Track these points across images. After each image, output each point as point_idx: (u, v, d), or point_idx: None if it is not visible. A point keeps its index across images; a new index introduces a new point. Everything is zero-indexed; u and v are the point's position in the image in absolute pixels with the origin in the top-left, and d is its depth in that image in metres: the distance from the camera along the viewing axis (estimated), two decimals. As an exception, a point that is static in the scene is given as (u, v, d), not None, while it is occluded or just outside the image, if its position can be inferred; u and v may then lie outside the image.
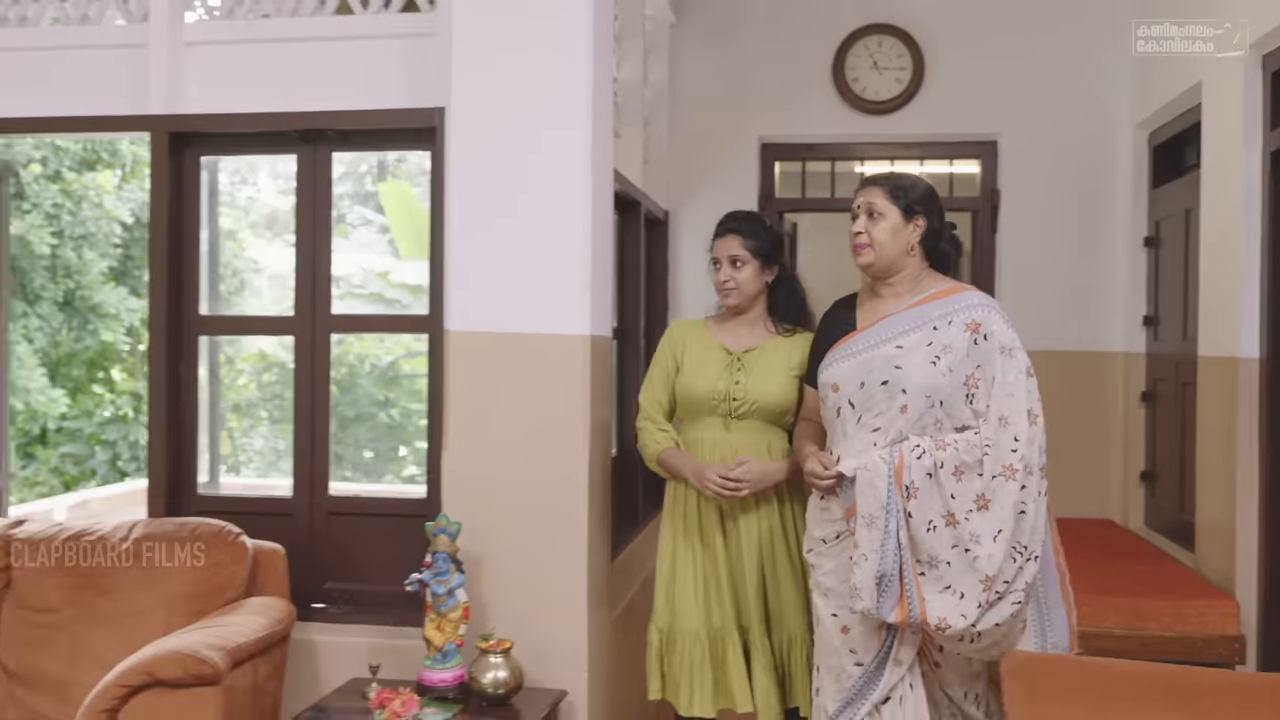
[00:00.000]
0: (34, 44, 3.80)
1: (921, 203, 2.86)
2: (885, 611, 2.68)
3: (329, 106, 3.63)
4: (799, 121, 5.76)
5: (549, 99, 3.31)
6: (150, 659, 2.86)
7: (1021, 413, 2.66)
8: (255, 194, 13.46)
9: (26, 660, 3.33)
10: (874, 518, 2.70)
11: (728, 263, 3.24)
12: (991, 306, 2.78)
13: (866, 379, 2.78)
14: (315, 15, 3.69)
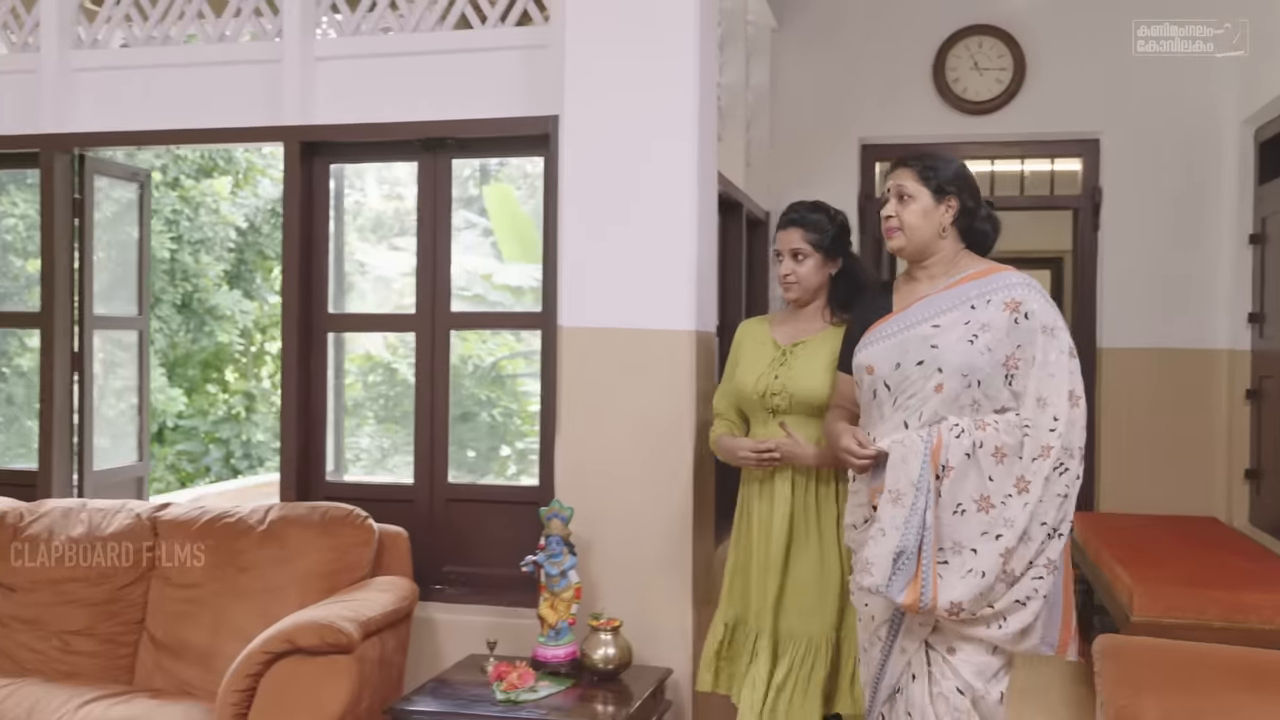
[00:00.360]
0: (177, 61, 4.08)
1: (953, 182, 2.74)
2: (895, 590, 2.58)
3: (448, 116, 3.84)
4: (899, 122, 5.86)
5: (657, 107, 3.48)
6: (291, 628, 3.11)
7: (1062, 393, 2.58)
8: (362, 199, 13.89)
9: (172, 632, 3.60)
10: (901, 494, 2.60)
11: (789, 256, 3.16)
12: (1031, 285, 2.68)
13: (902, 359, 2.68)
14: (436, 30, 3.91)
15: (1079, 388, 2.61)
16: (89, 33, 4.18)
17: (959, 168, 2.77)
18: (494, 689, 3.18)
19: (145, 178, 4.63)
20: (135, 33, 4.15)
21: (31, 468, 4.33)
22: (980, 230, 2.79)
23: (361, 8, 3.96)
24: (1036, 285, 2.69)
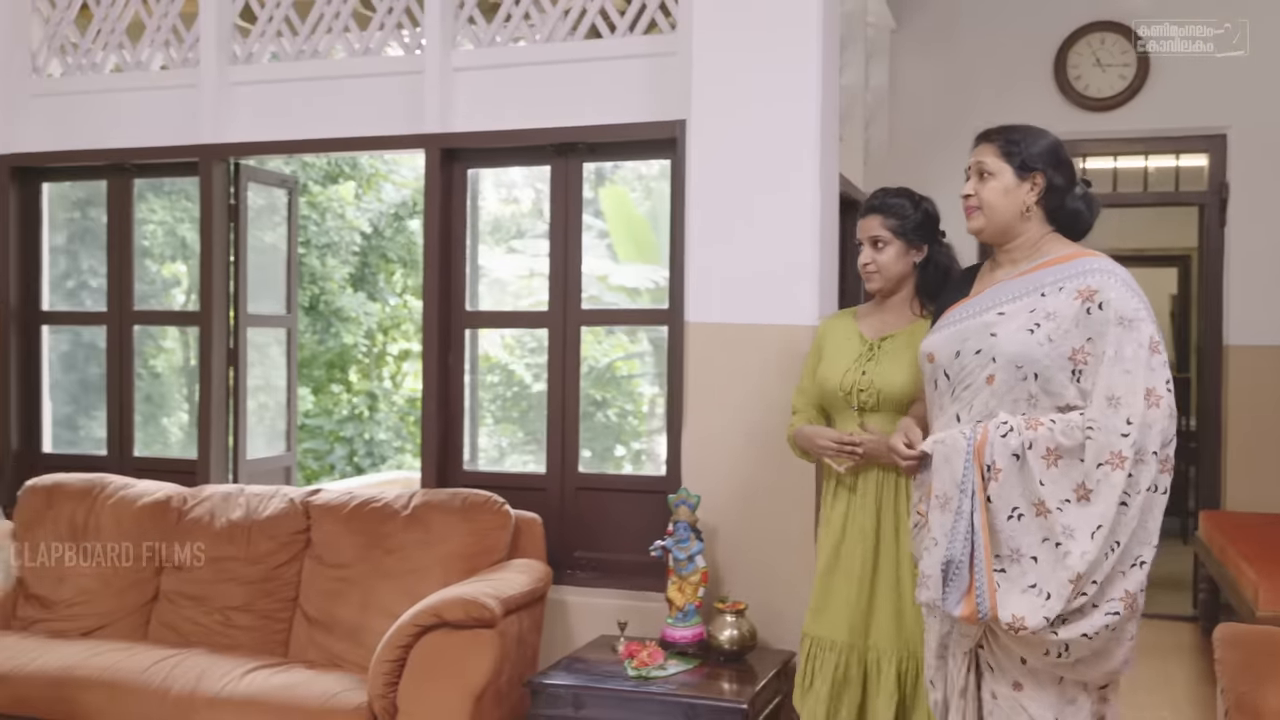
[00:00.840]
0: (325, 74, 4.34)
1: (1040, 158, 2.50)
2: (951, 604, 2.38)
3: (579, 121, 4.02)
4: (1018, 119, 5.75)
5: (781, 111, 3.61)
6: (438, 603, 3.32)
7: (1138, 391, 2.27)
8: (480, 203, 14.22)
9: (324, 608, 3.85)
10: (948, 498, 2.40)
11: (869, 244, 3.02)
12: (1112, 272, 2.40)
13: (962, 348, 2.48)
14: (567, 40, 4.09)
15: (1161, 386, 2.30)
16: (243, 48, 4.46)
17: (1049, 143, 2.54)
18: (625, 666, 3.34)
19: (294, 184, 4.92)
20: (285, 47, 4.42)
21: (191, 457, 4.64)
22: (1072, 210, 2.53)
23: (497, 20, 4.16)
24: (1120, 273, 2.41)
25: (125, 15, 4.59)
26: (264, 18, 4.41)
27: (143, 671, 3.58)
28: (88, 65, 4.66)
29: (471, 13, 4.19)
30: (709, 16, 3.67)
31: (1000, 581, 2.33)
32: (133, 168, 4.64)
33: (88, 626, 4.02)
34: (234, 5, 4.45)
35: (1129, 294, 2.36)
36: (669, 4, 3.98)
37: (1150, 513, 2.29)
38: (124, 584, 4.07)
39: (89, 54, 4.65)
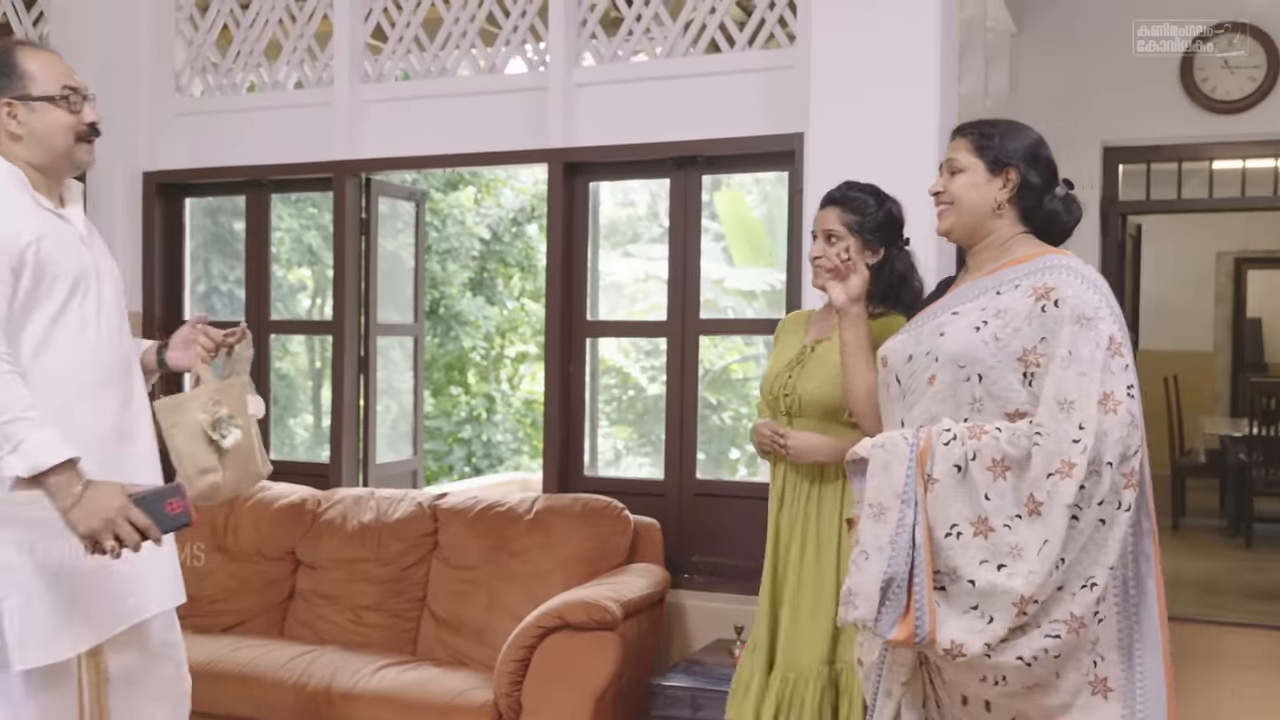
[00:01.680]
0: (452, 91, 4.49)
1: (1016, 155, 2.32)
2: (885, 626, 2.13)
3: (698, 135, 4.10)
4: (1143, 123, 5.77)
5: (900, 122, 3.62)
6: (561, 606, 3.43)
7: (1092, 395, 2.07)
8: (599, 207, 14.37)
9: (451, 609, 3.99)
10: (884, 508, 2.17)
11: (822, 237, 2.82)
12: (1071, 269, 2.20)
13: (914, 351, 2.32)
14: (687, 55, 4.17)
15: (1121, 390, 2.08)
16: (374, 67, 4.64)
17: (1028, 140, 2.36)
18: (743, 672, 3.40)
19: (421, 196, 5.09)
20: (414, 65, 4.58)
21: (318, 459, 4.82)
22: (1049, 212, 2.35)
23: (619, 35, 4.26)
24: (1082, 269, 2.21)
25: (264, 36, 4.81)
26: (394, 37, 4.58)
27: (280, 667, 3.76)
28: (228, 85, 4.89)
29: (594, 29, 4.29)
30: (828, 30, 3.70)
31: (940, 602, 2.12)
32: (269, 183, 4.86)
33: (227, 623, 4.23)
34: (366, 25, 4.62)
35: (1088, 290, 2.16)
36: (788, 18, 4.03)
37: (1110, 530, 2.06)
38: (262, 583, 4.27)
39: (229, 74, 4.88)
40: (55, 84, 2.42)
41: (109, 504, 2.21)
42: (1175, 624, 5.80)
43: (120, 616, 2.43)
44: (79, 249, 2.44)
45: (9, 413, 2.19)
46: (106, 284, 2.49)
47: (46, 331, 2.35)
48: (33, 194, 2.41)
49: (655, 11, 4.21)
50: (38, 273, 2.33)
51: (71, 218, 2.48)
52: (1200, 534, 8.76)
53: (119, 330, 2.51)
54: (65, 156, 2.44)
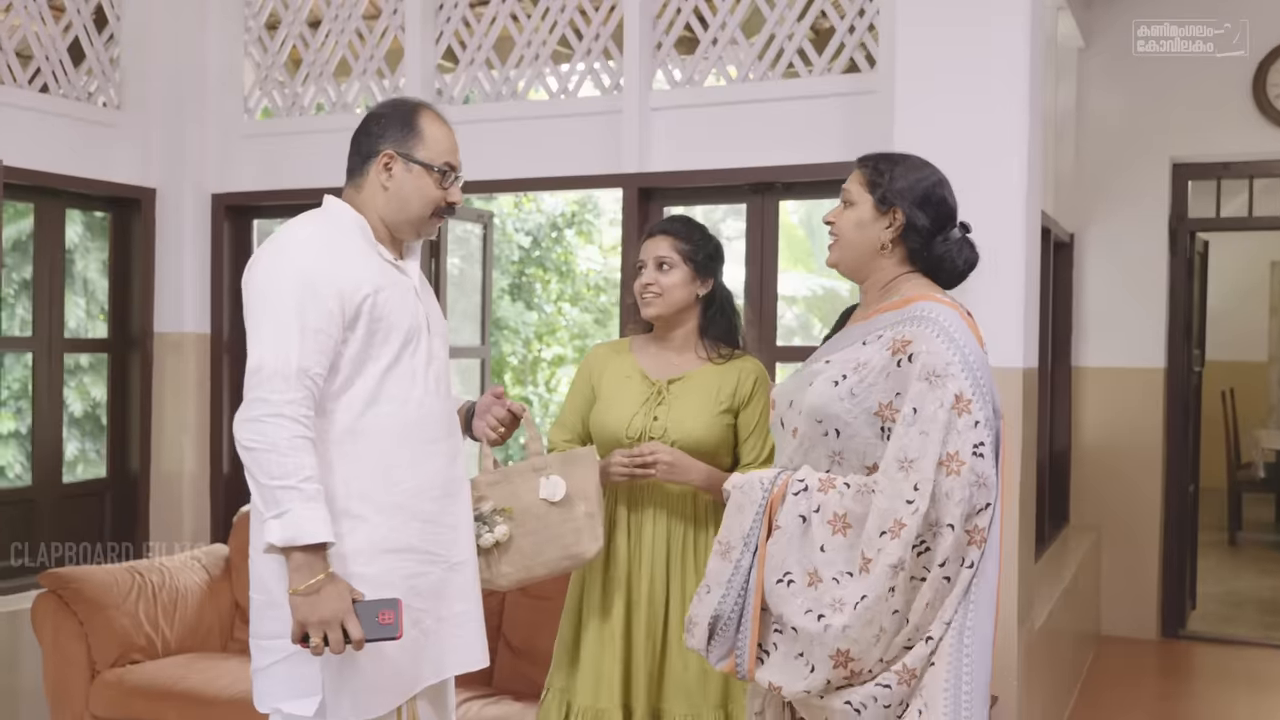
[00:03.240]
0: (524, 114, 4.47)
1: (904, 195, 2.25)
2: (714, 658, 2.22)
3: (773, 160, 4.05)
4: (1214, 140, 5.68)
5: (990, 148, 3.56)
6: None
7: (931, 456, 2.04)
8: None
9: (528, 639, 3.95)
10: (729, 547, 2.22)
11: (653, 264, 2.73)
12: (932, 320, 2.15)
13: (795, 397, 2.28)
14: (764, 79, 4.12)
15: (966, 449, 2.05)
16: (446, 88, 4.62)
17: (922, 180, 2.28)
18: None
19: (489, 219, 5.06)
20: (485, 87, 4.55)
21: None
22: (937, 255, 2.28)
23: (694, 59, 4.22)
24: (944, 321, 2.15)
25: (333, 57, 4.79)
26: (465, 59, 4.56)
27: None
28: (295, 106, 4.88)
29: (669, 53, 4.25)
30: (913, 55, 3.65)
31: (775, 644, 2.15)
32: (339, 204, 4.84)
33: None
34: (437, 47, 4.60)
35: (944, 346, 2.11)
36: (868, 42, 3.98)
37: (953, 587, 2.06)
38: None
39: (297, 95, 4.87)
40: (439, 156, 2.40)
41: (335, 606, 2.20)
42: (1233, 647, 5.72)
43: (422, 677, 2.42)
44: (413, 302, 2.41)
45: (287, 479, 2.18)
46: (437, 337, 2.47)
47: (379, 384, 2.32)
48: (375, 245, 2.38)
49: (731, 35, 4.17)
50: (373, 325, 2.30)
51: (409, 270, 2.46)
52: (1258, 550, 8.65)
53: (445, 385, 2.48)
54: (416, 224, 2.42)
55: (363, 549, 2.32)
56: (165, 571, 4.31)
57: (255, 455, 2.18)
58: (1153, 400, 5.84)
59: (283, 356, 2.20)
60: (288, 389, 2.20)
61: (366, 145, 2.42)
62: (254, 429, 2.19)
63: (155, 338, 4.89)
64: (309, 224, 2.38)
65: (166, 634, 4.19)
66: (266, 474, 2.18)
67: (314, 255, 2.28)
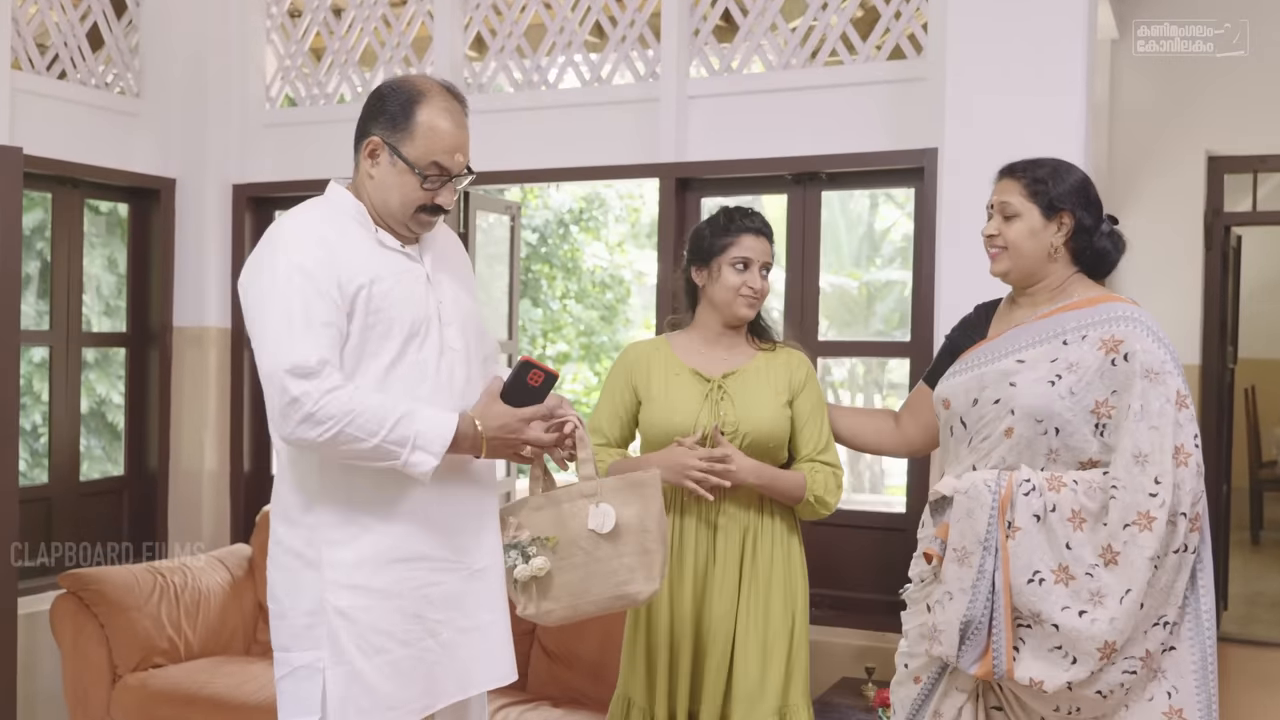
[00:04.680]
0: (556, 102, 4.35)
1: (1068, 197, 2.38)
2: (966, 662, 2.28)
3: (816, 150, 3.93)
4: (1251, 133, 5.57)
5: (1044, 138, 3.41)
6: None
7: (1166, 449, 2.17)
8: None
9: (564, 643, 3.84)
10: (968, 552, 2.28)
11: (759, 270, 2.72)
12: (1138, 321, 2.28)
13: (980, 396, 2.37)
14: (806, 67, 4.01)
15: (1189, 442, 2.20)
16: (474, 77, 4.50)
17: (1078, 180, 2.42)
18: (880, 714, 3.25)
19: (516, 210, 4.95)
20: (515, 75, 4.44)
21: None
22: (1099, 250, 2.41)
23: (733, 46, 4.10)
24: (1147, 320, 2.30)
25: (358, 45, 4.67)
26: (495, 47, 4.44)
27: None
28: (319, 95, 4.76)
29: (707, 39, 4.13)
30: (965, 40, 3.53)
31: (1023, 639, 2.24)
32: (361, 195, 4.72)
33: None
34: (466, 34, 4.48)
35: (1155, 345, 2.25)
36: (915, 29, 3.86)
37: (1179, 572, 2.20)
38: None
39: (320, 84, 4.75)
40: (427, 156, 2.23)
41: (506, 427, 2.24)
42: (1266, 650, 5.61)
43: (442, 693, 2.30)
44: (421, 291, 2.27)
45: (386, 419, 2.12)
46: (453, 325, 2.31)
47: (381, 382, 2.19)
48: (375, 232, 2.27)
49: (772, 21, 4.05)
50: (370, 318, 2.18)
51: (423, 257, 2.32)
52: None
53: (464, 380, 2.31)
54: (399, 219, 2.28)
55: (368, 558, 2.21)
56: (188, 572, 4.20)
57: (344, 433, 2.09)
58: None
59: (300, 352, 2.10)
60: (311, 378, 2.09)
61: (360, 125, 2.30)
62: (317, 423, 2.09)
63: (175, 332, 4.77)
64: (300, 215, 2.28)
65: (189, 636, 4.08)
66: (369, 433, 2.10)
67: (309, 247, 2.17)
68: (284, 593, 2.25)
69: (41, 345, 4.66)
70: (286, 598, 2.24)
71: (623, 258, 13.47)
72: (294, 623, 2.23)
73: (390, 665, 2.20)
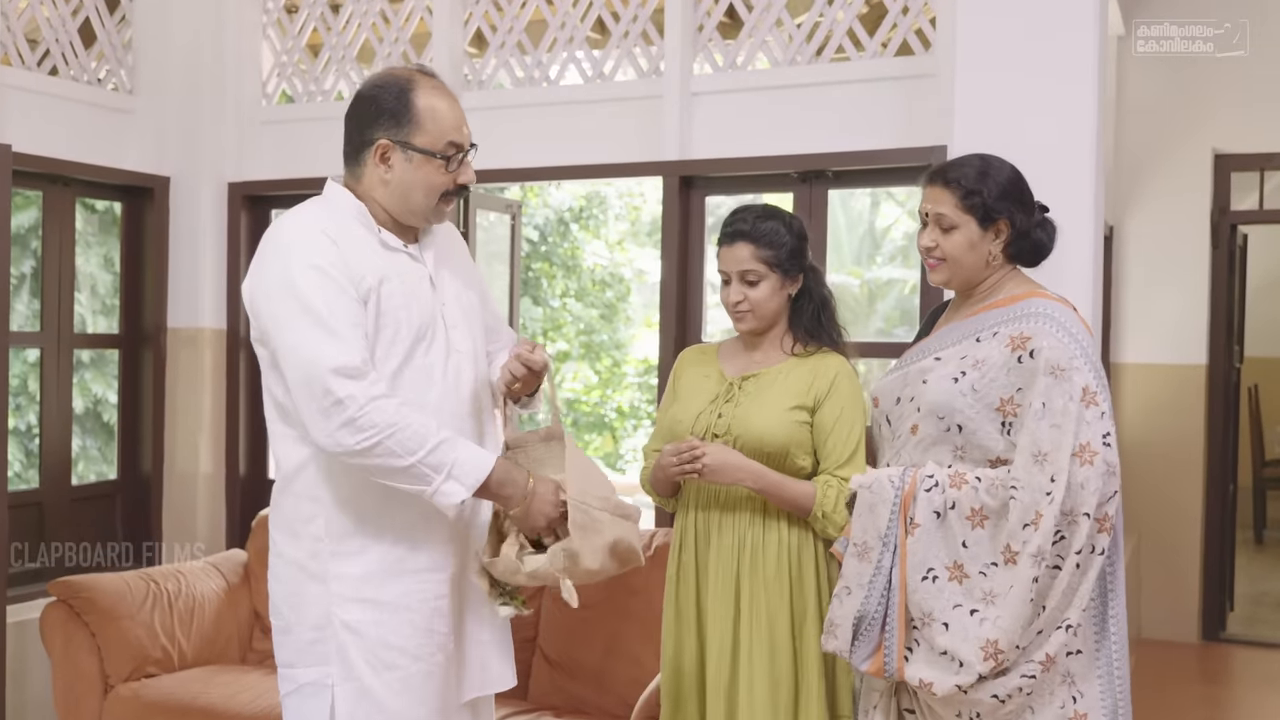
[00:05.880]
0: (558, 99, 4.27)
1: (1002, 202, 2.33)
2: (859, 659, 2.27)
3: (822, 147, 3.86)
4: (1257, 131, 5.53)
5: (1056, 136, 3.37)
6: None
7: (1065, 448, 2.13)
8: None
9: (565, 650, 3.77)
10: (867, 548, 2.27)
11: (738, 279, 2.56)
12: (1049, 317, 2.24)
13: (901, 394, 2.38)
14: (812, 63, 3.93)
15: (1096, 441, 2.14)
16: (474, 73, 4.42)
17: (1008, 179, 2.36)
18: None
19: (517, 209, 4.87)
20: (516, 72, 4.36)
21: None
22: (1035, 242, 2.38)
23: (738, 42, 4.03)
24: (1060, 317, 2.25)
25: (356, 41, 4.59)
26: (495, 43, 4.36)
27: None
28: (316, 92, 4.68)
29: (711, 35, 4.06)
30: (974, 35, 3.45)
31: (916, 641, 2.23)
32: (359, 194, 4.64)
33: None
34: (466, 30, 4.40)
35: (1064, 340, 2.21)
36: (923, 24, 3.79)
37: (1085, 574, 2.16)
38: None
39: (317, 80, 4.67)
40: (441, 137, 2.17)
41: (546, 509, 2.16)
42: (1264, 650, 5.55)
43: (451, 709, 2.25)
44: (426, 292, 2.21)
45: (427, 440, 2.05)
46: (458, 327, 2.25)
47: (389, 386, 2.11)
48: (378, 233, 2.20)
49: (777, 16, 3.98)
50: (380, 321, 2.12)
51: (425, 257, 2.26)
52: (1285, 548, 8.54)
53: (470, 382, 2.26)
54: (423, 213, 2.21)
55: (375, 572, 2.15)
56: (181, 579, 4.12)
57: (383, 445, 2.02)
58: (1194, 398, 5.68)
59: (344, 353, 2.04)
60: (358, 380, 2.03)
61: (359, 133, 2.21)
62: (359, 429, 2.02)
63: (169, 333, 4.68)
64: (303, 214, 2.20)
65: (183, 645, 4.00)
66: (408, 451, 2.03)
67: (321, 246, 2.10)
68: (288, 607, 2.19)
69: (33, 346, 4.57)
70: (291, 612, 2.18)
71: (623, 256, 13.41)
72: (299, 637, 2.17)
73: (401, 681, 2.14)
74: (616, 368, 13.39)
